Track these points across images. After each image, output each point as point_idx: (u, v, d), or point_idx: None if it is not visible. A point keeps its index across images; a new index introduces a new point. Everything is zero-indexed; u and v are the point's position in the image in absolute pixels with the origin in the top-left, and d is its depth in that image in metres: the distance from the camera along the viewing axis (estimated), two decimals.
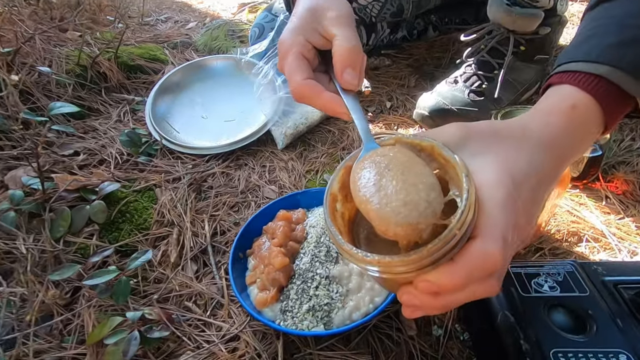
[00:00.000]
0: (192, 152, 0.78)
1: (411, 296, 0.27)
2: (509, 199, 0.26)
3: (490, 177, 0.27)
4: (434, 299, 0.26)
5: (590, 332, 0.37)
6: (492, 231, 0.25)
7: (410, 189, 0.26)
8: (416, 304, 0.27)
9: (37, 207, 0.59)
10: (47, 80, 0.86)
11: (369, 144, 0.32)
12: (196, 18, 1.46)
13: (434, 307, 0.27)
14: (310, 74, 0.37)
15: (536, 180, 0.29)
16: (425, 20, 1.12)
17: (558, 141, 0.31)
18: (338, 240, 0.28)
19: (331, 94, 0.36)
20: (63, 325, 0.49)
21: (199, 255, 0.59)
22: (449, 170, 0.29)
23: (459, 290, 0.26)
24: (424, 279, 0.25)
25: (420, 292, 0.26)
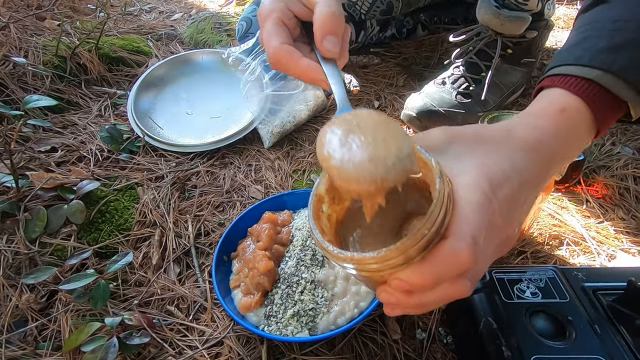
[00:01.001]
0: (176, 149, 0.76)
1: (387, 294, 0.27)
2: (483, 200, 0.26)
3: (467, 179, 0.27)
4: (408, 298, 0.27)
5: (570, 338, 0.37)
6: (462, 231, 0.25)
7: (379, 144, 0.23)
8: (392, 302, 0.27)
9: (11, 206, 0.56)
10: (23, 72, 0.82)
11: (345, 109, 0.31)
12: (182, 9, 1.42)
13: (409, 305, 0.27)
14: (289, 40, 0.35)
15: (518, 182, 0.29)
16: (414, 19, 1.12)
17: (546, 144, 0.31)
18: (317, 237, 0.28)
19: (310, 61, 0.34)
20: (38, 331, 0.47)
21: (182, 257, 0.58)
22: (427, 173, 0.28)
23: (430, 289, 0.26)
24: (397, 277, 0.26)
25: (394, 290, 0.26)
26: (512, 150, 0.30)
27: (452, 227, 0.25)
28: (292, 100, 0.82)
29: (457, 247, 0.24)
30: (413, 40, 1.15)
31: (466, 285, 0.27)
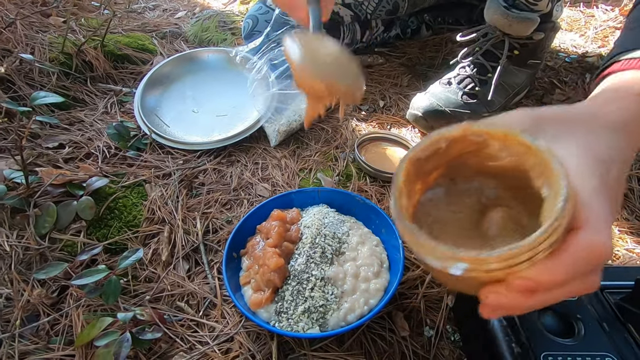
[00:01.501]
0: (182, 147, 0.77)
1: (499, 296, 0.24)
2: (603, 186, 0.25)
3: (579, 164, 0.25)
4: (527, 298, 0.24)
5: (579, 336, 0.38)
6: (594, 221, 0.23)
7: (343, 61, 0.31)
8: (503, 304, 0.25)
9: (21, 202, 0.56)
10: (30, 68, 0.82)
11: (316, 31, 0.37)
12: (185, 7, 1.42)
13: (524, 306, 0.25)
14: None
15: (621, 163, 0.28)
16: (418, 19, 1.13)
17: (631, 126, 0.30)
18: (418, 236, 0.26)
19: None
20: (50, 325, 0.47)
21: (191, 253, 0.58)
22: (527, 159, 0.27)
23: (557, 287, 0.24)
24: (521, 276, 0.23)
25: (511, 291, 0.24)
26: (606, 131, 0.29)
27: (582, 218, 0.23)
28: (298, 99, 0.82)
29: (594, 240, 0.23)
30: (417, 40, 1.15)
31: (596, 280, 0.25)
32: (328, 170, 0.74)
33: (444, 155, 0.30)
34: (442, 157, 0.31)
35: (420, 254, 0.26)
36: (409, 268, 0.56)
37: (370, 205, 0.57)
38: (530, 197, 0.26)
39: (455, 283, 0.30)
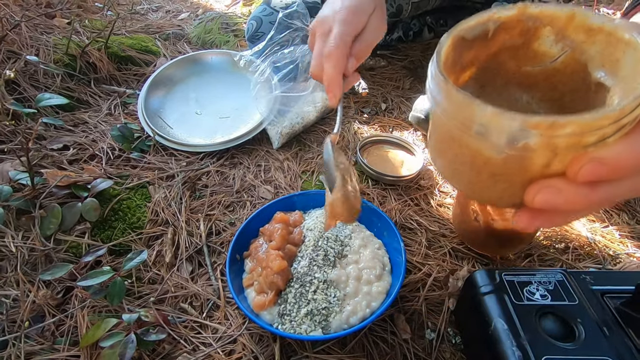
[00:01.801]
0: (186, 149, 0.77)
1: (553, 192, 0.22)
2: None
3: None
4: (589, 192, 0.22)
5: (579, 340, 0.38)
6: None
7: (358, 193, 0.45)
8: (556, 203, 0.22)
9: (26, 203, 0.57)
10: (34, 70, 0.83)
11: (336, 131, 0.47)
12: (188, 8, 1.43)
13: (579, 207, 0.22)
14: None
15: None
16: (421, 22, 1.13)
17: None
18: (476, 102, 0.22)
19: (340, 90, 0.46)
20: (55, 326, 0.48)
21: (194, 255, 0.59)
22: (589, 47, 0.24)
23: (627, 177, 0.21)
24: (593, 157, 0.20)
25: (570, 183, 0.21)
26: None
27: None
28: (301, 101, 0.82)
29: None
30: (419, 42, 1.16)
31: None
32: None
33: (485, 47, 0.28)
34: (483, 49, 0.28)
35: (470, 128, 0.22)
36: (411, 271, 0.56)
37: (372, 208, 0.58)
38: (565, 110, 0.24)
39: (494, 182, 0.25)
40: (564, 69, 0.27)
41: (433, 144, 0.29)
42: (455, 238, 0.61)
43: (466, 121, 0.23)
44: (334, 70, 0.44)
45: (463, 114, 0.23)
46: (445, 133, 0.26)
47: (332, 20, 0.45)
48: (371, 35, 0.47)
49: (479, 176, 0.25)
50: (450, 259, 0.58)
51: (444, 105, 0.24)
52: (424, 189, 0.70)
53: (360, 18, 0.46)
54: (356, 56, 0.46)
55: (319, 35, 0.46)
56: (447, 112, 0.24)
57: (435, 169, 0.31)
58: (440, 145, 0.28)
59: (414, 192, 0.70)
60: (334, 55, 0.44)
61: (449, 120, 0.24)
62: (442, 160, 0.29)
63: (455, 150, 0.26)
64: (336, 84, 0.44)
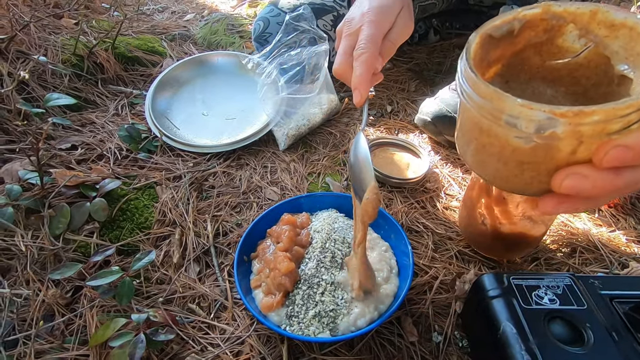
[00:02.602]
0: (192, 150, 0.77)
1: (579, 178, 0.23)
2: None
3: None
4: (615, 177, 0.22)
5: (588, 344, 0.38)
6: None
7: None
8: (582, 188, 0.23)
9: (36, 202, 0.57)
10: (43, 70, 0.83)
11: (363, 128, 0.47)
12: (194, 9, 1.43)
13: (605, 191, 0.23)
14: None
15: None
16: (426, 24, 1.13)
17: None
18: (506, 96, 0.24)
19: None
20: (65, 325, 0.48)
21: (202, 256, 0.59)
22: (612, 42, 0.25)
23: None
24: (618, 144, 0.21)
25: (596, 169, 0.22)
26: None
27: None
28: (307, 103, 0.83)
29: None
30: (425, 45, 1.16)
31: None
32: (336, 174, 0.74)
33: (510, 44, 0.29)
34: (509, 46, 0.30)
35: (500, 119, 0.23)
36: (417, 274, 0.57)
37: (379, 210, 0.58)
38: (589, 103, 0.25)
39: (521, 170, 0.27)
40: (587, 63, 0.28)
41: (461, 136, 0.31)
42: (462, 241, 0.62)
43: (496, 113, 0.24)
44: (365, 71, 0.44)
45: (493, 106, 0.25)
46: (474, 125, 0.27)
47: (361, 21, 0.46)
48: (398, 34, 0.48)
49: (507, 165, 0.26)
50: (457, 262, 0.59)
51: (474, 98, 0.26)
52: (430, 192, 0.70)
53: (389, 18, 0.47)
54: (383, 55, 0.47)
55: (346, 34, 0.47)
56: (477, 105, 0.26)
57: (463, 160, 0.32)
58: (469, 137, 0.29)
59: (420, 194, 0.70)
60: (365, 57, 0.44)
61: (478, 112, 0.26)
62: (470, 151, 0.30)
63: (483, 140, 0.27)
64: (365, 85, 0.45)
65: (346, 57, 0.47)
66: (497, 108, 0.24)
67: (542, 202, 0.25)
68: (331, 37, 0.90)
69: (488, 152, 0.27)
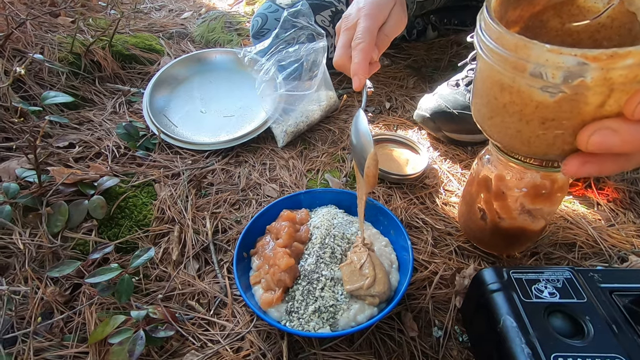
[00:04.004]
0: (191, 147, 0.77)
1: (609, 132, 0.22)
2: None
3: None
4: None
5: (588, 337, 0.38)
6: None
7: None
8: (611, 144, 0.22)
9: (33, 200, 0.57)
10: (40, 68, 0.83)
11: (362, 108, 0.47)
12: (191, 8, 1.43)
13: (635, 148, 0.22)
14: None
15: None
16: (424, 20, 1.13)
17: None
18: (533, 43, 0.23)
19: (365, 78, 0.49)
20: (64, 323, 0.48)
21: (201, 253, 0.59)
22: None
23: None
24: None
25: (627, 121, 0.21)
26: None
27: None
28: (305, 100, 0.82)
29: None
30: (423, 41, 1.16)
31: None
32: (335, 171, 0.74)
33: (530, 5, 0.28)
34: (528, 6, 0.29)
35: (525, 70, 0.22)
36: (417, 269, 0.56)
37: (378, 206, 0.58)
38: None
39: (544, 129, 0.25)
40: (611, 23, 0.26)
41: (479, 100, 0.29)
42: (461, 236, 0.62)
43: (520, 63, 0.23)
44: (363, 59, 0.48)
45: (518, 56, 0.23)
46: (494, 83, 0.26)
47: (357, 16, 0.50)
48: (392, 27, 0.52)
49: (529, 125, 0.25)
50: (457, 257, 0.59)
51: (496, 52, 0.25)
52: (429, 188, 0.70)
53: (383, 12, 0.51)
54: (379, 46, 0.51)
55: (343, 29, 0.51)
56: (500, 59, 0.25)
57: (479, 126, 0.31)
58: (487, 99, 0.28)
59: (419, 190, 0.70)
60: (362, 46, 0.48)
61: (501, 67, 0.25)
62: (488, 114, 0.29)
63: (504, 99, 0.26)
64: (363, 71, 0.48)
65: (345, 49, 0.50)
66: (522, 58, 0.23)
67: (566, 163, 0.24)
68: (329, 33, 0.90)
69: (509, 112, 0.26)
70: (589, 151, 0.23)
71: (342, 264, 0.50)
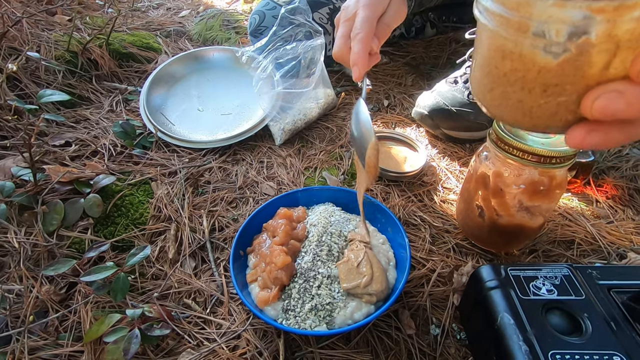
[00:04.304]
0: (188, 145, 0.77)
1: (614, 95, 0.21)
2: None
3: None
4: None
5: (586, 334, 0.38)
6: None
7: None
8: (618, 108, 0.21)
9: (29, 199, 0.57)
10: (36, 66, 0.82)
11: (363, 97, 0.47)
12: (189, 6, 1.42)
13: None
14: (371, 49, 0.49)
15: None
16: (423, 18, 1.13)
17: None
18: None
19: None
20: (59, 321, 0.48)
21: (197, 251, 0.58)
22: None
23: None
24: None
25: (634, 83, 0.20)
26: None
27: None
28: (303, 98, 0.82)
29: None
30: (421, 39, 1.15)
31: None
32: (333, 169, 0.74)
33: None
34: None
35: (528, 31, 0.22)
36: (415, 267, 0.56)
37: (376, 203, 0.57)
38: None
39: (546, 96, 0.25)
40: None
41: (478, 72, 0.29)
42: (459, 234, 0.61)
43: (523, 22, 0.23)
44: (362, 49, 0.47)
45: (520, 14, 0.23)
46: (495, 51, 0.26)
47: (356, 7, 0.49)
48: (392, 17, 0.51)
49: (531, 93, 0.25)
50: (454, 254, 0.58)
51: (498, 13, 0.24)
52: (427, 185, 0.70)
53: (382, 2, 0.50)
54: (378, 37, 0.50)
55: (343, 20, 0.51)
56: (502, 21, 0.24)
57: (479, 102, 0.30)
58: (488, 69, 0.27)
59: (417, 188, 0.69)
60: (361, 36, 0.47)
61: (502, 30, 0.24)
62: (489, 85, 0.28)
63: (505, 67, 0.26)
64: (362, 61, 0.47)
65: (344, 40, 0.50)
66: (524, 16, 0.23)
67: (570, 132, 0.23)
68: (327, 31, 0.90)
69: (510, 82, 0.26)
70: (594, 118, 0.22)
71: (339, 262, 0.50)
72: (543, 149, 0.44)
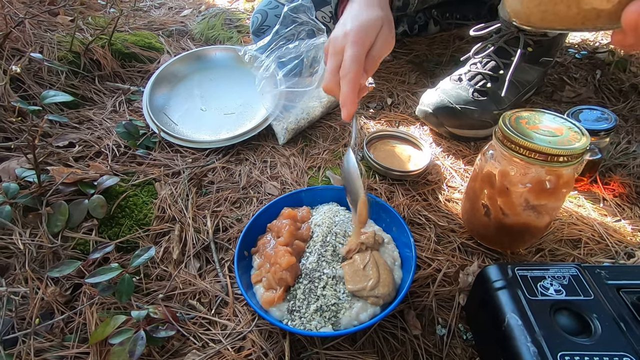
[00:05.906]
0: (191, 145, 0.77)
1: None
2: None
3: None
4: None
5: (595, 335, 0.37)
6: None
7: None
8: None
9: (33, 200, 0.57)
10: (39, 67, 0.83)
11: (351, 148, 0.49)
12: (191, 5, 1.42)
13: None
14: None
15: None
16: (426, 15, 1.12)
17: None
18: None
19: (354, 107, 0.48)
20: (64, 323, 0.48)
21: (202, 252, 0.58)
22: None
23: None
24: None
25: None
26: None
27: None
28: (306, 96, 0.82)
29: None
30: (425, 36, 1.14)
31: None
32: (337, 168, 0.74)
33: None
34: None
35: None
36: (420, 266, 0.56)
37: (380, 203, 0.57)
38: None
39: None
40: None
41: None
42: (465, 233, 0.61)
43: None
44: (350, 89, 0.46)
45: None
46: None
47: (344, 41, 0.48)
48: (380, 50, 0.50)
49: None
50: (460, 254, 0.58)
51: None
52: (431, 184, 0.69)
53: (370, 36, 0.49)
54: (367, 71, 0.49)
55: (331, 53, 0.50)
56: None
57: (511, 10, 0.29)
58: None
59: (421, 187, 0.69)
60: (350, 76, 0.46)
61: None
62: None
63: None
64: (351, 101, 0.47)
65: (333, 75, 0.49)
66: None
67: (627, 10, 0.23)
68: (330, 29, 0.89)
69: None
70: None
71: (344, 263, 0.49)
72: (550, 148, 0.44)
